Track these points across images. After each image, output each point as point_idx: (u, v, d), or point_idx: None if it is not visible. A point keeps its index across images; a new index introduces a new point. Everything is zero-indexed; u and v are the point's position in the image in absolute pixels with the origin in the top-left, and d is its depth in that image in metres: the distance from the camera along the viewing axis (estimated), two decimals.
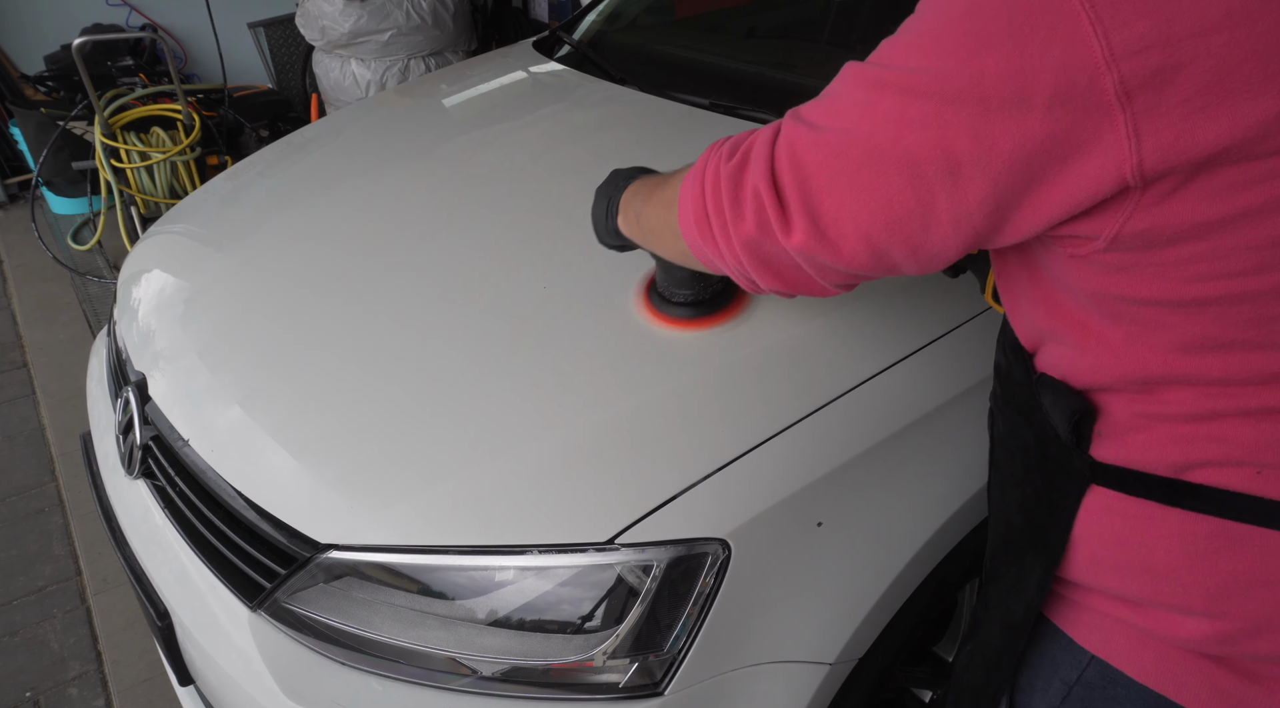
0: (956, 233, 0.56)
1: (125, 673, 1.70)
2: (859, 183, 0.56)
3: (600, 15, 1.97)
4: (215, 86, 3.32)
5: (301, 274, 1.21)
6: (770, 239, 0.62)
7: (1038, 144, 0.49)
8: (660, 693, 0.84)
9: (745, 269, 0.67)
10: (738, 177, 0.64)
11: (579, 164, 1.36)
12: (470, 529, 0.85)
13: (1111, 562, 0.64)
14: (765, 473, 0.86)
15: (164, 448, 1.10)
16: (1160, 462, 0.59)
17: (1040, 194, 0.52)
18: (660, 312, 0.99)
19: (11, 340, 2.88)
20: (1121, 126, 0.47)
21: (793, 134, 0.60)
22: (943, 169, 0.53)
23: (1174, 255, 0.51)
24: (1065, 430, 0.64)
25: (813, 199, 0.58)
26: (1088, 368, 0.62)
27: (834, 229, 0.58)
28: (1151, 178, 0.48)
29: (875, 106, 0.55)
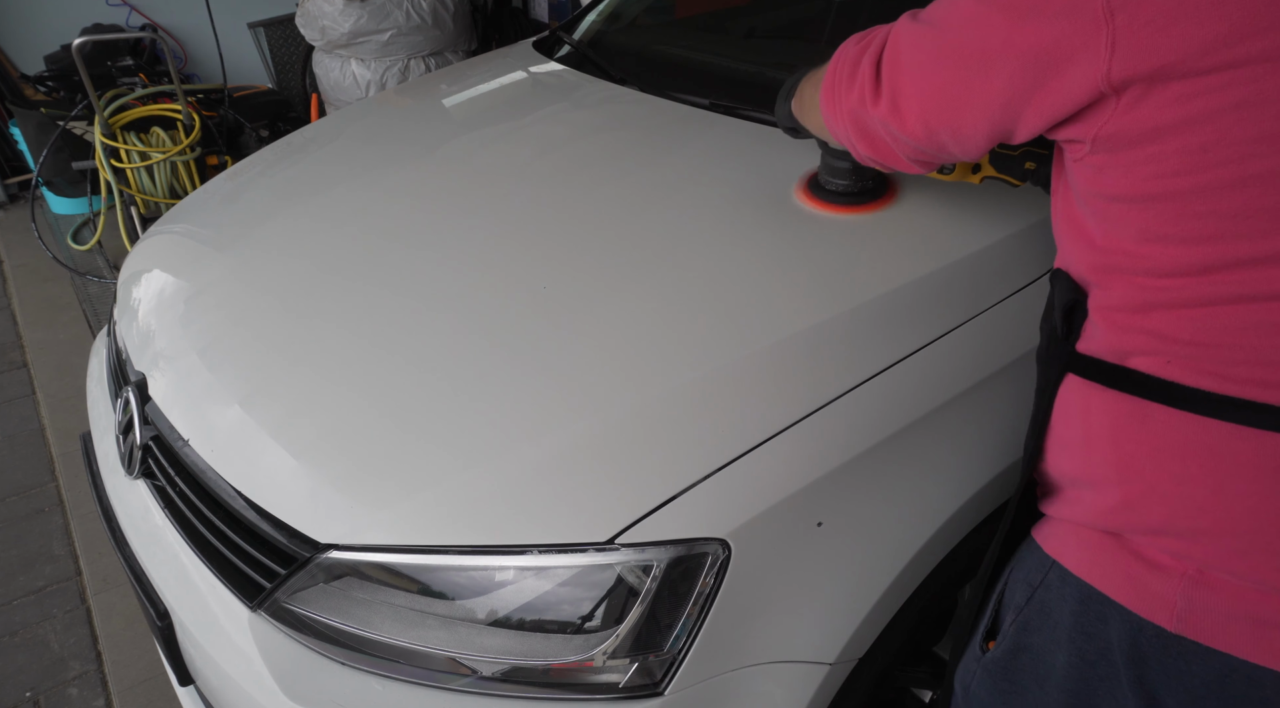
0: (983, 119, 0.70)
1: (125, 673, 1.70)
2: (925, 67, 0.72)
3: (600, 15, 1.96)
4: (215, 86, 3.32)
5: (302, 273, 1.21)
6: (866, 108, 0.79)
7: (1044, 47, 0.62)
8: (660, 693, 0.84)
9: (850, 134, 0.85)
10: (857, 59, 0.81)
11: (579, 164, 1.36)
12: (470, 529, 0.85)
13: (1065, 440, 0.77)
14: (765, 473, 0.86)
15: (164, 448, 1.10)
16: (1108, 349, 0.71)
17: (1042, 95, 0.64)
18: (818, 199, 1.14)
19: (11, 340, 2.88)
20: (1104, 38, 0.58)
21: (902, 24, 0.76)
22: (979, 61, 0.67)
23: (1134, 156, 0.62)
24: (1060, 321, 0.75)
25: (896, 76, 0.75)
26: (1077, 260, 0.74)
27: (904, 103, 0.75)
28: (1119, 85, 0.59)
29: (955, 7, 0.70)
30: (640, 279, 1.07)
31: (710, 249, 1.10)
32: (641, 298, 1.03)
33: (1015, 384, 0.98)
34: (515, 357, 0.99)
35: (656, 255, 1.10)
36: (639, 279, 1.07)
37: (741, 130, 1.37)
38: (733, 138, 1.36)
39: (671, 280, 1.05)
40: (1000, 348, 0.99)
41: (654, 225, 1.16)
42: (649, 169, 1.31)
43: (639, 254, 1.12)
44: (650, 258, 1.10)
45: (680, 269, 1.07)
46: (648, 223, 1.17)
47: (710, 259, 1.08)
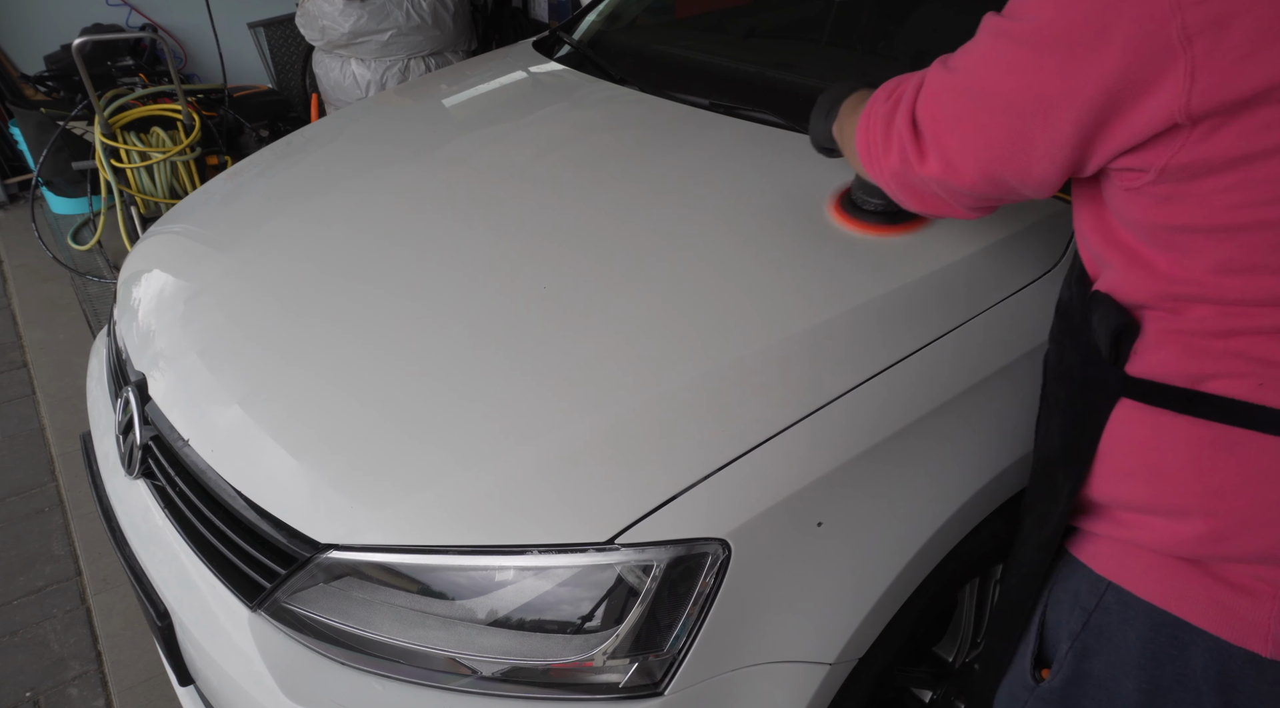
0: (1054, 164, 0.65)
1: (125, 673, 1.70)
2: (976, 120, 0.67)
3: (600, 15, 1.96)
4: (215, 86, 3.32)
5: (302, 274, 1.21)
6: (911, 169, 0.75)
7: (1115, 80, 0.57)
8: (660, 693, 0.84)
9: (897, 193, 0.82)
10: (890, 117, 0.77)
11: (579, 164, 1.36)
12: (470, 529, 0.85)
13: (1127, 469, 0.71)
14: (765, 473, 0.86)
15: (164, 448, 1.10)
16: (1179, 373, 0.66)
17: (1113, 126, 0.60)
18: (851, 217, 1.10)
19: (11, 340, 2.88)
20: (1182, 67, 0.54)
21: (934, 77, 0.71)
22: (1038, 109, 0.62)
23: (1212, 185, 0.57)
24: (1106, 345, 0.70)
25: (941, 134, 0.71)
26: (1133, 287, 0.69)
27: (957, 159, 0.70)
28: (1198, 117, 0.55)
29: (994, 53, 0.65)
30: (640, 279, 1.07)
31: (710, 249, 1.10)
32: (642, 298, 1.03)
33: (1015, 385, 0.98)
34: (515, 356, 0.99)
35: (656, 255, 1.10)
36: (639, 279, 1.07)
37: (742, 130, 1.37)
38: (733, 138, 1.36)
39: (672, 280, 1.05)
40: (1001, 348, 0.99)
41: (654, 225, 1.16)
42: (649, 169, 1.31)
43: (639, 254, 1.11)
44: (650, 258, 1.10)
45: (680, 269, 1.07)
46: (648, 223, 1.17)
47: (710, 259, 1.08)
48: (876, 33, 1.70)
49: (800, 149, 1.28)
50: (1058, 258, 1.05)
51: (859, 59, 1.68)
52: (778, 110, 1.37)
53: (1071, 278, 0.82)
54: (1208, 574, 0.67)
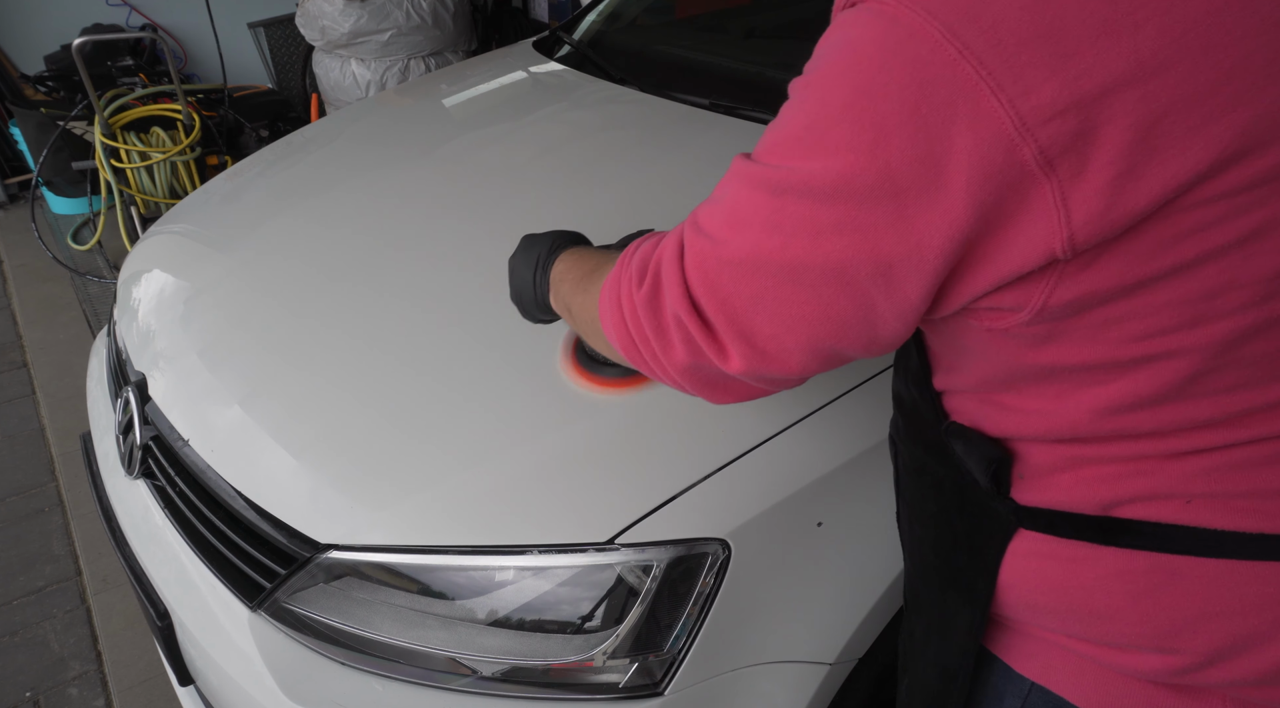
0: (903, 323, 0.51)
1: (125, 673, 1.70)
2: (786, 297, 0.51)
3: (600, 15, 1.96)
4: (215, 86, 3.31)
5: (302, 274, 1.21)
6: (707, 363, 0.56)
7: (967, 226, 0.44)
8: (660, 693, 0.84)
9: (695, 390, 0.62)
10: (653, 304, 0.57)
11: (579, 164, 1.36)
12: (470, 529, 0.85)
13: (1048, 606, 0.61)
14: (765, 473, 0.86)
15: (164, 448, 1.10)
16: (1087, 501, 0.56)
17: (972, 271, 0.47)
18: (589, 372, 0.93)
19: (11, 340, 2.88)
20: (1049, 197, 0.42)
21: (700, 251, 0.54)
22: (872, 271, 0.47)
23: (1104, 316, 0.47)
24: (984, 478, 0.60)
25: (741, 320, 0.53)
26: (1006, 424, 0.59)
27: (773, 345, 0.53)
28: (1082, 249, 0.44)
29: (781, 214, 0.48)
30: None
31: None
32: None
33: None
34: (515, 356, 0.98)
35: None
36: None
37: (742, 130, 1.37)
38: (733, 138, 1.36)
39: None
40: None
41: (654, 225, 1.16)
42: (649, 169, 1.31)
43: None
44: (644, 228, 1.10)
45: None
46: (648, 223, 1.17)
47: None
48: None
49: None
50: None
51: None
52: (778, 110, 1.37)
53: (908, 377, 0.71)
54: (1164, 686, 0.58)
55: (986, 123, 0.41)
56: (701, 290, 0.54)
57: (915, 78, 0.42)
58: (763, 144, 0.51)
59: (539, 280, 0.79)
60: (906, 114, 0.43)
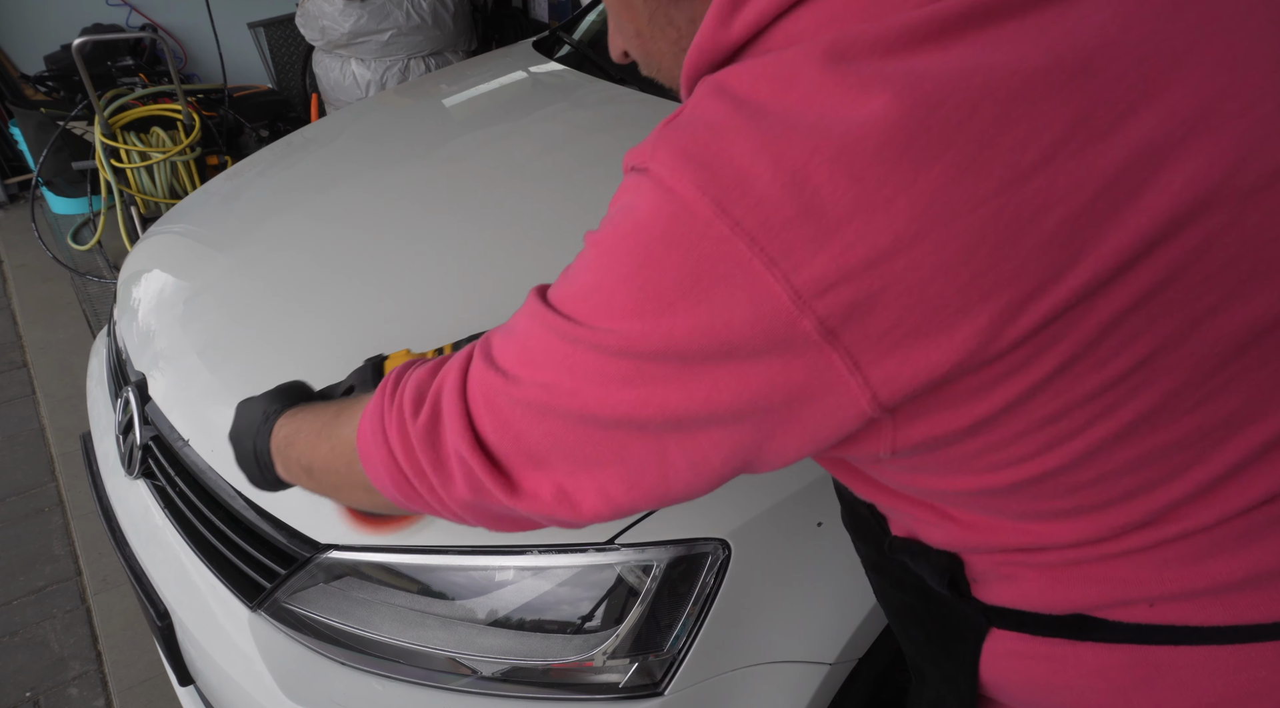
0: (699, 477, 0.49)
1: (125, 673, 1.70)
2: (578, 441, 0.49)
3: (600, 15, 1.96)
4: (215, 86, 3.31)
5: (302, 273, 1.21)
6: (491, 501, 0.53)
7: (756, 390, 0.43)
8: (660, 693, 0.84)
9: (473, 524, 0.59)
10: (431, 436, 0.53)
11: (579, 164, 1.36)
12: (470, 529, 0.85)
13: (1041, 704, 0.59)
14: (765, 473, 0.85)
15: (164, 448, 1.10)
16: (1053, 602, 0.55)
17: (782, 434, 0.46)
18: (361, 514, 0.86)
19: (11, 340, 2.88)
20: (840, 364, 0.41)
21: (488, 385, 0.51)
22: (664, 422, 0.46)
23: (960, 452, 0.46)
24: (940, 587, 0.59)
25: (533, 460, 0.51)
26: (941, 539, 0.58)
27: (568, 485, 0.51)
28: (894, 406, 0.43)
29: (571, 361, 0.47)
30: None
31: None
32: None
33: None
34: None
35: None
36: None
37: None
38: None
39: None
40: None
41: None
42: None
43: None
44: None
45: None
46: None
47: None
48: None
49: None
50: None
51: None
52: None
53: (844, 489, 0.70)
54: None
55: (764, 296, 0.41)
56: (489, 425, 0.51)
57: (693, 252, 0.42)
58: (556, 290, 0.50)
59: (259, 452, 0.73)
60: (687, 286, 0.42)
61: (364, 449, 0.59)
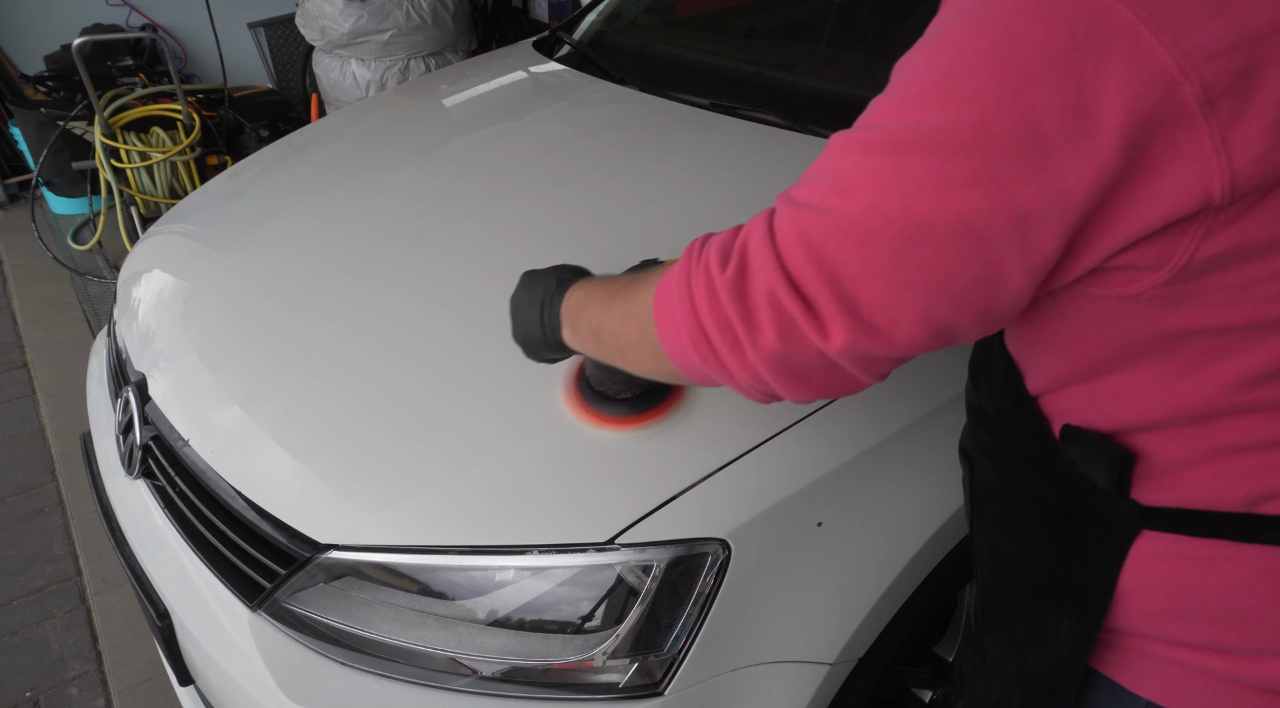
0: (1030, 285, 0.49)
1: (125, 673, 1.70)
2: (903, 263, 0.48)
3: (600, 15, 1.96)
4: (215, 86, 3.31)
5: (302, 274, 1.21)
6: (800, 347, 0.53)
7: (1115, 171, 0.43)
8: (660, 693, 0.84)
9: (766, 385, 0.57)
10: (739, 286, 0.54)
11: (579, 164, 1.36)
12: (470, 529, 0.85)
13: (1179, 611, 0.58)
14: (765, 473, 0.86)
15: (164, 448, 1.10)
16: (1227, 498, 0.53)
17: (1115, 220, 0.45)
18: (595, 409, 0.89)
19: (11, 340, 2.88)
20: (1207, 140, 0.41)
21: (800, 222, 0.51)
22: (1007, 226, 0.45)
23: (1252, 274, 0.45)
24: (1106, 480, 0.58)
25: (848, 292, 0.50)
26: (1129, 410, 0.56)
27: (882, 317, 0.50)
28: (1242, 193, 0.42)
29: (902, 173, 0.46)
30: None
31: None
32: None
33: None
34: (515, 356, 0.98)
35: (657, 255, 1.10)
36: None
37: (742, 130, 1.37)
38: (733, 138, 1.36)
39: None
40: None
41: (654, 225, 1.16)
42: (649, 169, 1.31)
43: (640, 253, 1.11)
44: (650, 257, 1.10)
45: None
46: (648, 222, 1.17)
47: None
48: (876, 32, 1.70)
49: (800, 148, 1.28)
50: None
51: (859, 59, 1.68)
52: (778, 110, 1.37)
53: (993, 388, 0.68)
54: None
55: (1144, 64, 0.41)
56: (801, 264, 0.51)
57: (1065, 23, 0.42)
58: (871, 113, 0.50)
59: (547, 317, 0.75)
60: (1054, 58, 0.42)
61: (662, 310, 0.59)
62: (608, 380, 0.88)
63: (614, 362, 0.71)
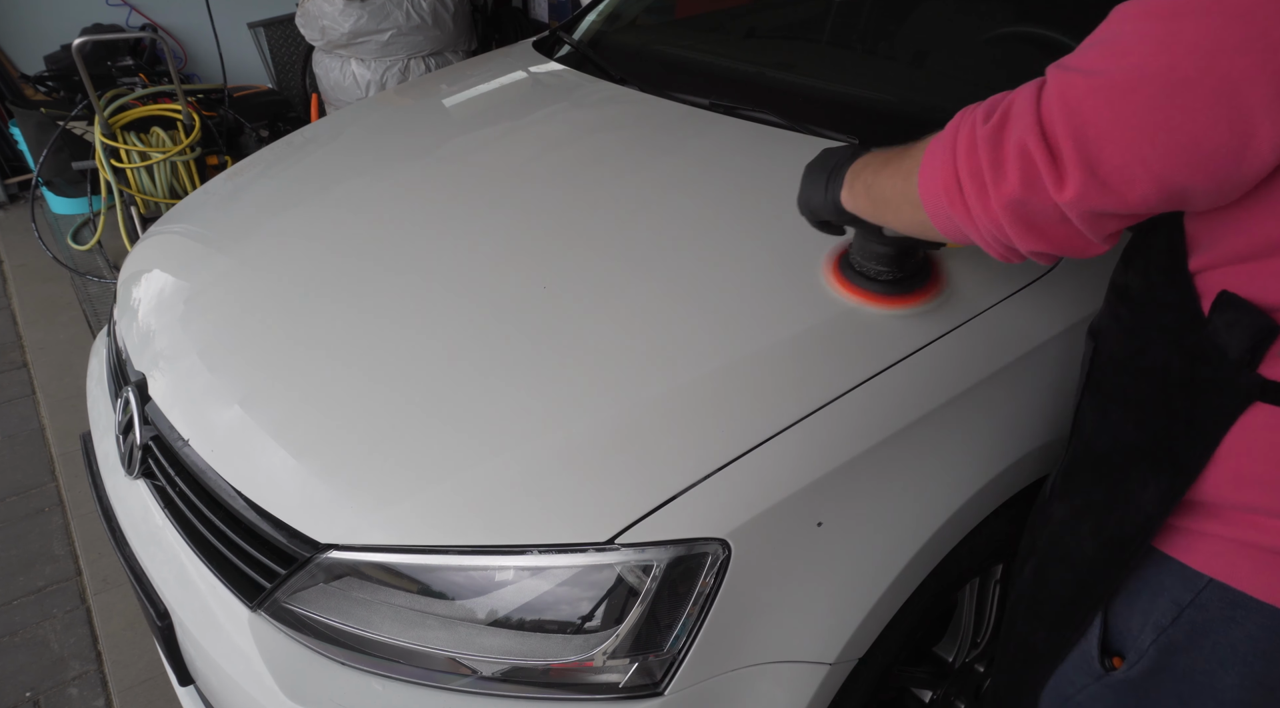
0: (1275, 160, 0.51)
1: (125, 673, 1.70)
2: (1154, 122, 0.52)
3: (600, 15, 1.96)
4: (215, 86, 3.32)
5: (301, 274, 1.21)
6: (1038, 196, 0.59)
7: None
8: (660, 693, 0.84)
9: (1004, 233, 0.63)
10: (996, 137, 0.60)
11: (579, 164, 1.36)
12: (470, 529, 0.85)
13: (1267, 479, 0.63)
14: (765, 473, 0.86)
15: (164, 448, 1.10)
16: None
17: None
18: (856, 286, 0.98)
19: (11, 340, 2.88)
20: None
21: (1065, 84, 0.57)
22: (1267, 95, 0.48)
23: None
24: (1241, 349, 0.62)
25: (1091, 147, 0.55)
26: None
27: (1118, 176, 0.55)
28: None
29: (1175, 36, 0.50)
30: (640, 279, 1.07)
31: (710, 249, 1.10)
32: (642, 297, 1.04)
33: (1014, 385, 0.98)
34: (514, 357, 0.99)
35: (656, 255, 1.10)
36: (639, 279, 1.07)
37: (742, 130, 1.37)
38: (733, 138, 1.36)
39: (671, 280, 1.05)
40: (1000, 349, 0.99)
41: (654, 225, 1.16)
42: (649, 169, 1.31)
43: (639, 254, 1.12)
44: (650, 257, 1.10)
45: (680, 269, 1.07)
46: (648, 222, 1.17)
47: (711, 259, 1.08)
48: (877, 33, 1.70)
49: (800, 148, 1.28)
50: None
51: (859, 59, 1.68)
52: (778, 110, 1.37)
53: (1149, 265, 0.72)
54: None
55: None
56: (1057, 118, 0.56)
57: None
58: None
59: (831, 184, 0.86)
60: None
61: (927, 163, 0.67)
62: (872, 262, 0.97)
63: (878, 216, 0.81)
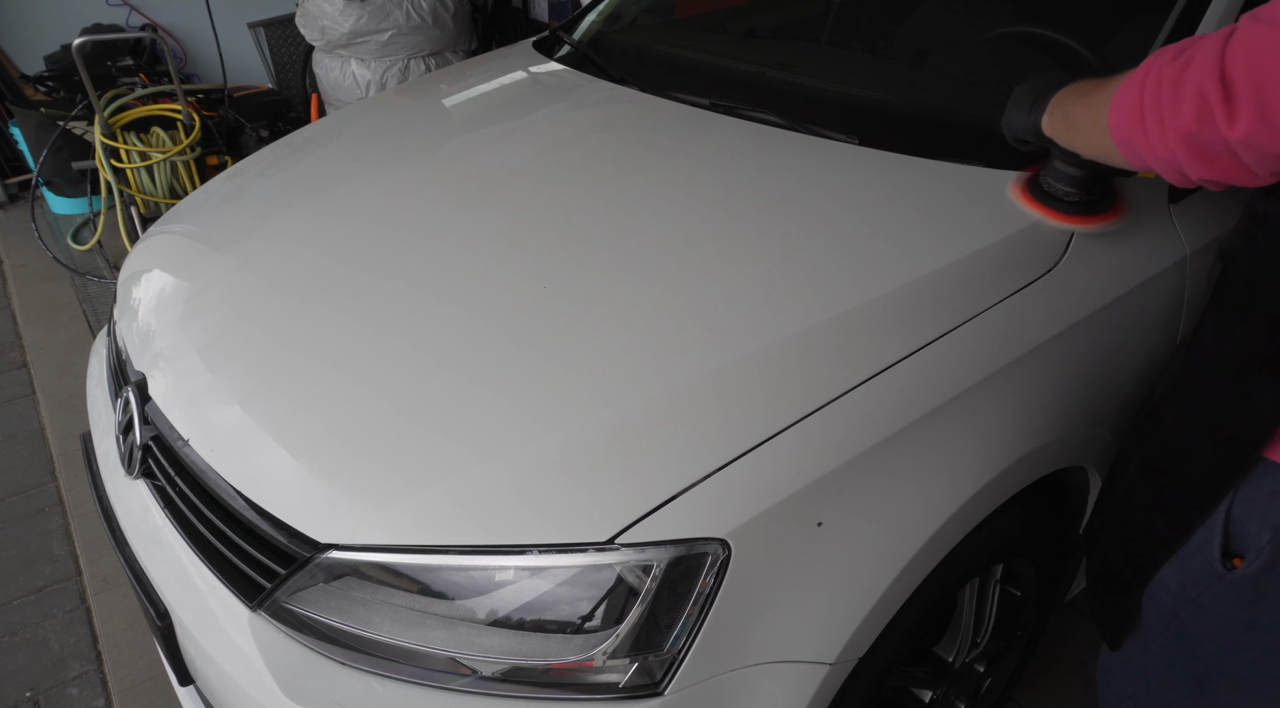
0: None
1: (125, 673, 1.70)
2: None
3: (600, 15, 1.96)
4: (215, 86, 3.32)
5: (301, 274, 1.21)
6: (1209, 131, 0.65)
7: None
8: (660, 693, 0.84)
9: (1177, 161, 0.71)
10: (1180, 76, 0.67)
11: (578, 164, 1.36)
12: (470, 529, 0.85)
13: None
14: (765, 473, 0.86)
15: (164, 448, 1.10)
16: None
17: None
18: (1045, 206, 1.06)
19: (11, 340, 2.88)
20: None
21: (1252, 33, 0.62)
22: None
23: None
24: None
25: (1266, 93, 0.61)
26: None
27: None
28: None
29: None
30: (640, 279, 1.07)
31: (710, 249, 1.10)
32: (641, 298, 1.04)
33: (1014, 385, 0.98)
34: (514, 357, 0.99)
35: (656, 255, 1.10)
36: (639, 279, 1.07)
37: (742, 130, 1.37)
38: (733, 138, 1.36)
39: (671, 280, 1.05)
40: (999, 349, 0.99)
41: (654, 225, 1.16)
42: (649, 168, 1.31)
43: (638, 254, 1.12)
44: (650, 257, 1.10)
45: (680, 269, 1.07)
46: (648, 222, 1.17)
47: (710, 259, 1.08)
48: (877, 32, 1.70)
49: (800, 148, 1.28)
50: (1054, 261, 1.05)
51: (859, 59, 1.68)
52: (778, 110, 1.37)
53: None
54: None
55: None
56: (1238, 63, 0.63)
57: None
58: None
59: (1035, 108, 0.95)
60: None
61: (1118, 95, 0.76)
62: (1062, 183, 1.04)
63: (1071, 141, 0.91)
